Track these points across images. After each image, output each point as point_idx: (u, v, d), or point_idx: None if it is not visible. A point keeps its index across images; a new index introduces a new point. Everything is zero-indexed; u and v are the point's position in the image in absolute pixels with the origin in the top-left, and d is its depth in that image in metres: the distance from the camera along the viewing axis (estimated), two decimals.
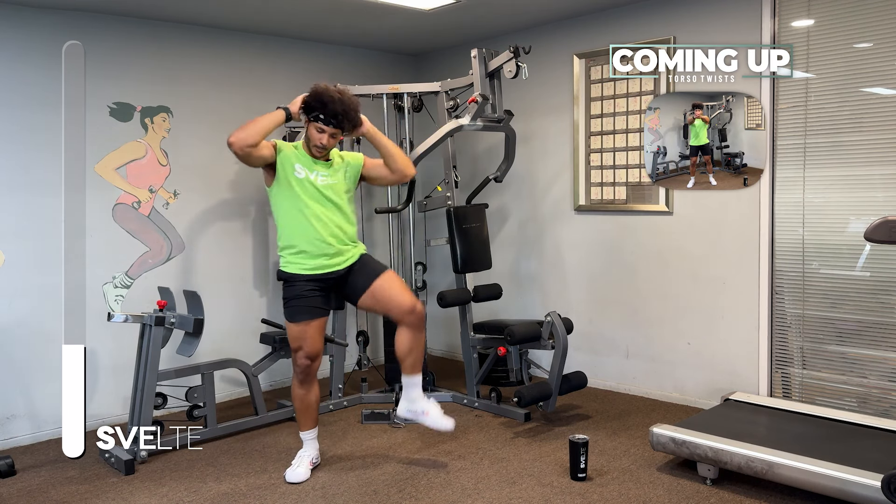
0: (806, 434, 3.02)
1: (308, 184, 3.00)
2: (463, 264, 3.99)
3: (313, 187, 3.01)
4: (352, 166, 3.15)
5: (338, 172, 3.08)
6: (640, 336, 4.22)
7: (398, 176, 3.17)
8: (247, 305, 4.48)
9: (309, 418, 3.18)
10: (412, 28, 4.50)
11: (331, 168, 3.07)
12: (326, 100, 2.90)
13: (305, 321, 3.03)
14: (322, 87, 2.94)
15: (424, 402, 3.16)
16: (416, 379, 3.16)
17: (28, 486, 3.11)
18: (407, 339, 3.09)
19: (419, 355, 3.15)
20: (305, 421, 3.18)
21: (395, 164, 3.12)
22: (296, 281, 3.04)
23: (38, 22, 3.66)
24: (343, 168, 3.11)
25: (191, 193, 4.23)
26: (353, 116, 2.96)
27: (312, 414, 3.18)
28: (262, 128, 2.88)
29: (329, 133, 2.95)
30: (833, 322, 3.48)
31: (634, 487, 2.92)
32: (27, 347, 3.66)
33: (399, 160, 3.12)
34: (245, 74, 4.45)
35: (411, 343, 3.10)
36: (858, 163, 3.35)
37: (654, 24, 3.99)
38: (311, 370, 3.08)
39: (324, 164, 3.05)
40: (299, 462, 3.13)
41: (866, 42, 3.29)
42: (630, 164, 4.18)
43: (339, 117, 2.91)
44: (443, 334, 5.28)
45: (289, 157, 3.01)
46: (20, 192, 3.64)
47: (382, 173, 3.17)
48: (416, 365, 3.14)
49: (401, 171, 3.15)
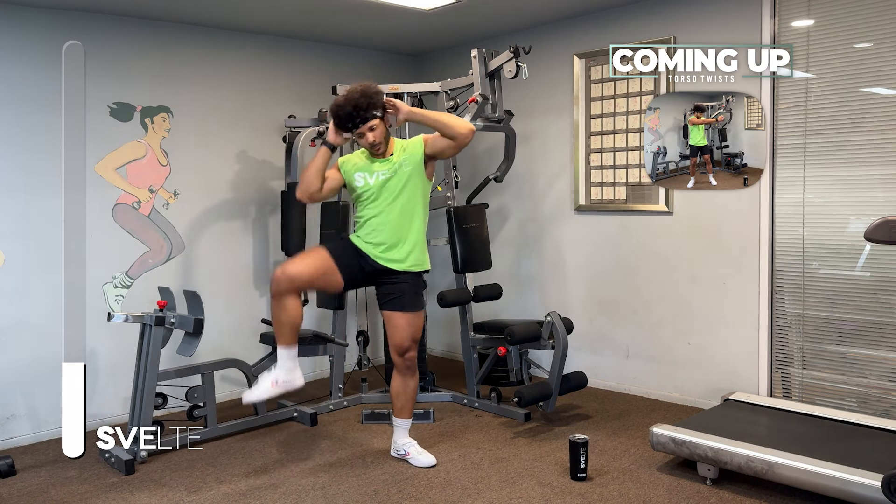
0: (806, 434, 3.02)
1: (370, 187, 3.06)
2: (463, 264, 3.99)
3: (376, 188, 3.05)
4: (409, 153, 3.10)
5: (395, 164, 3.07)
6: (640, 336, 4.22)
7: (458, 141, 3.00)
8: (247, 305, 4.48)
9: (282, 333, 2.98)
10: (412, 28, 4.50)
11: (389, 163, 3.07)
12: (336, 110, 2.95)
13: (324, 250, 3.08)
14: (333, 105, 2.98)
15: (405, 445, 3.26)
16: (401, 422, 3.26)
17: (28, 486, 3.11)
18: (396, 382, 3.22)
19: (406, 401, 3.22)
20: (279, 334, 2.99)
21: (450, 131, 2.99)
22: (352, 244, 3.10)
23: (38, 22, 3.66)
24: (401, 158, 3.08)
25: (191, 193, 4.23)
26: (368, 102, 2.92)
27: (285, 330, 2.97)
28: (315, 171, 3.01)
29: (365, 131, 2.95)
30: (833, 322, 3.48)
31: (634, 487, 2.92)
32: (27, 347, 3.66)
33: (451, 126, 2.99)
34: (245, 74, 4.45)
35: (398, 387, 3.21)
36: (858, 163, 3.35)
37: (654, 24, 3.99)
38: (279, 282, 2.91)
39: (383, 162, 3.07)
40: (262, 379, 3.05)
41: (866, 42, 3.29)
42: (630, 164, 4.18)
43: (356, 116, 2.92)
44: (443, 334, 5.28)
45: (349, 171, 3.11)
46: (20, 192, 3.64)
47: (442, 145, 3.07)
48: (402, 410, 3.23)
49: (459, 136, 2.99)
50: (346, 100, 2.93)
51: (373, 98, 2.94)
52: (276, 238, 4.48)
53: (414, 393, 3.24)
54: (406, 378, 3.19)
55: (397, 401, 3.23)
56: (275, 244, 4.54)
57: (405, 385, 3.20)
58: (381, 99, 2.97)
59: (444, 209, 4.06)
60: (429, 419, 3.81)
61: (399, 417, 3.25)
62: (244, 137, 4.45)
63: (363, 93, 2.92)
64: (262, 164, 4.55)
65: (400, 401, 3.22)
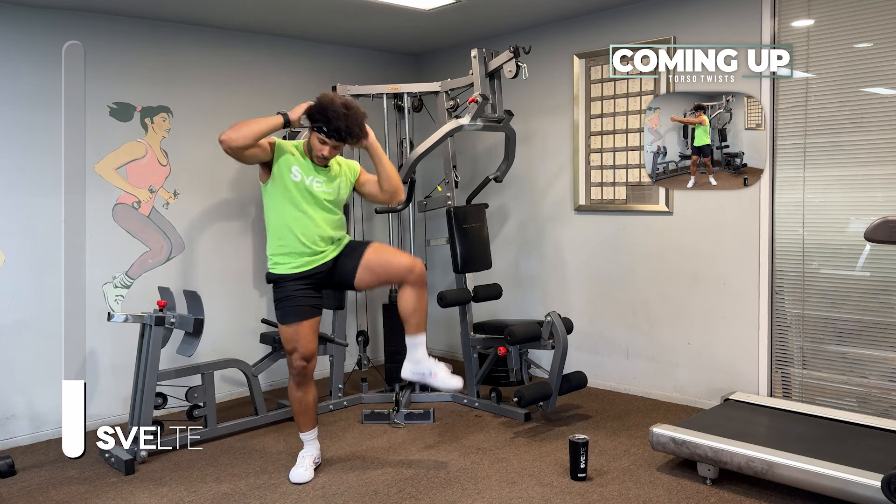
0: (806, 434, 3.02)
1: (303, 187, 2.98)
2: (463, 264, 3.99)
3: (308, 192, 2.99)
4: (347, 177, 3.13)
5: (334, 181, 3.06)
6: (640, 336, 4.22)
7: (387, 197, 3.15)
8: (247, 305, 4.48)
9: (308, 419, 3.17)
10: (412, 28, 4.50)
11: (328, 175, 3.05)
12: (332, 115, 2.86)
13: (297, 322, 3.01)
14: (328, 100, 2.90)
15: (430, 363, 3.09)
16: (421, 339, 3.09)
17: (28, 486, 3.11)
18: (410, 298, 3.05)
19: (423, 315, 3.09)
20: (305, 422, 3.17)
21: (388, 185, 3.09)
22: (285, 282, 3.02)
23: (37, 22, 3.66)
24: (339, 177, 3.09)
25: (191, 193, 4.23)
26: (358, 132, 2.92)
27: (311, 415, 3.17)
28: (256, 131, 2.82)
29: (331, 145, 2.93)
30: (833, 322, 3.48)
31: (634, 487, 2.92)
32: (27, 347, 3.66)
33: (393, 182, 3.10)
34: (245, 74, 4.45)
35: (415, 302, 3.05)
36: (858, 163, 3.35)
37: (654, 24, 3.99)
38: (306, 371, 3.07)
39: (321, 171, 3.03)
40: (301, 462, 3.13)
41: (866, 42, 3.29)
42: (630, 164, 4.18)
43: (343, 133, 2.89)
44: (443, 334, 5.28)
45: (287, 158, 2.98)
46: (20, 192, 3.64)
47: (373, 190, 3.16)
48: (420, 325, 3.09)
49: (391, 194, 3.13)
50: (346, 116, 2.87)
51: (362, 130, 2.95)
52: None
53: (426, 306, 3.12)
54: (420, 291, 3.05)
55: (413, 318, 3.06)
56: None
57: (420, 298, 3.06)
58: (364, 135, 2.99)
59: (444, 209, 4.07)
60: (429, 419, 3.81)
61: (418, 333, 3.08)
62: None
63: (361, 122, 2.92)
64: None
65: (416, 317, 3.06)
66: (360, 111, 2.94)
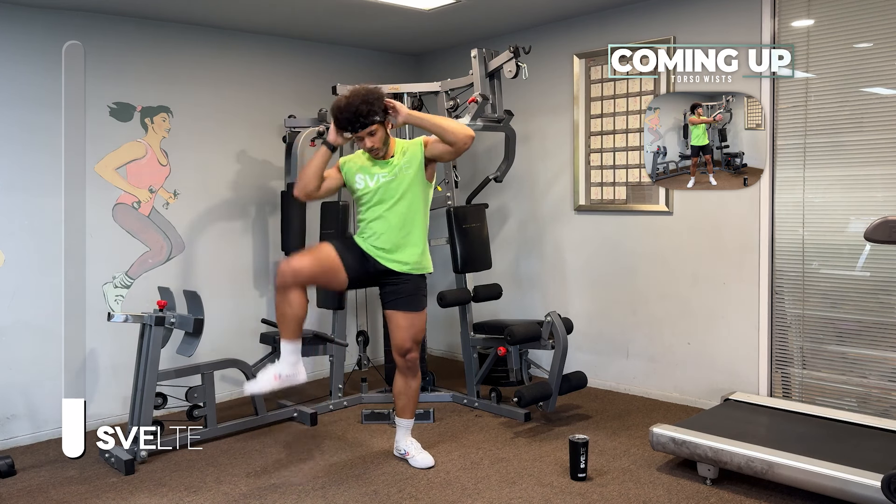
0: (806, 434, 3.02)
1: (369, 190, 3.05)
2: (463, 264, 3.99)
3: (375, 190, 3.04)
4: (409, 156, 3.08)
5: (396, 167, 3.06)
6: (640, 336, 4.22)
7: (457, 147, 2.99)
8: (247, 305, 4.48)
9: (285, 328, 2.97)
10: (412, 28, 4.50)
11: (390, 165, 3.06)
12: (339, 113, 2.92)
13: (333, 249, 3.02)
14: (334, 104, 2.96)
15: (405, 444, 3.27)
16: (403, 422, 3.27)
17: (28, 486, 3.11)
18: (398, 382, 3.23)
19: (408, 401, 3.23)
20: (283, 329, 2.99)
21: (449, 136, 2.96)
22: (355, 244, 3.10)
23: (37, 22, 3.66)
24: (402, 161, 3.07)
25: (191, 193, 4.23)
26: (368, 108, 2.89)
27: (290, 325, 2.97)
28: (314, 170, 3.00)
29: (366, 135, 2.94)
30: (833, 322, 3.48)
31: (634, 487, 2.92)
32: (27, 347, 3.66)
33: (450, 132, 2.96)
34: (245, 74, 4.45)
35: (400, 387, 3.22)
36: (858, 163, 3.35)
37: (654, 24, 3.99)
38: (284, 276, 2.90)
39: (383, 164, 3.06)
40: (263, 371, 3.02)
41: (866, 42, 3.29)
42: (630, 164, 4.18)
43: (357, 119, 2.89)
44: (443, 334, 5.28)
45: (350, 171, 3.10)
46: (20, 192, 3.64)
47: (441, 149, 3.04)
48: (404, 410, 3.24)
49: (457, 142, 2.97)
50: (347, 104, 2.90)
51: (373, 104, 2.91)
52: (276, 238, 4.48)
53: (416, 394, 3.24)
54: (408, 378, 3.20)
55: (398, 401, 3.24)
56: (275, 244, 4.53)
57: (406, 385, 3.21)
58: (382, 104, 2.95)
59: (444, 209, 4.07)
60: (429, 419, 3.81)
61: (401, 417, 3.26)
62: (244, 137, 4.45)
63: (364, 98, 2.90)
64: (262, 164, 4.54)
65: (401, 401, 3.23)
66: (362, 92, 2.92)
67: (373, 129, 2.93)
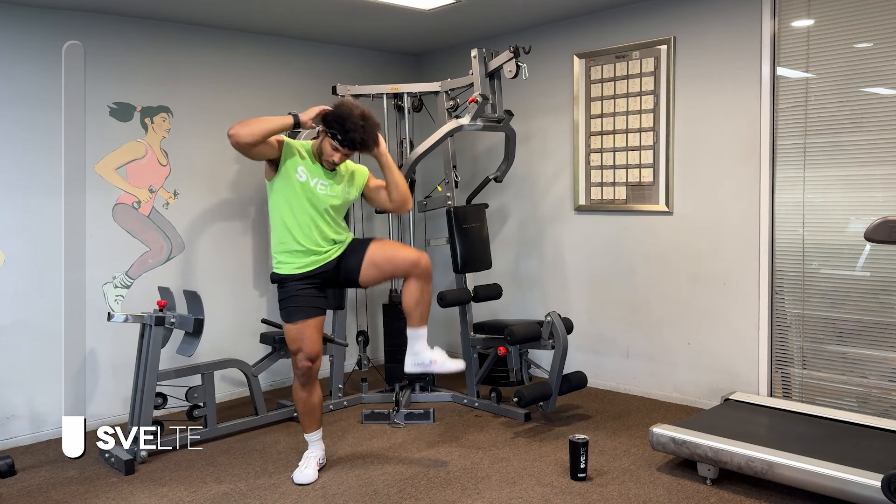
0: (806, 434, 3.02)
1: (308, 188, 2.98)
2: (463, 264, 3.99)
3: (312, 193, 2.99)
4: (355, 182, 3.13)
5: (339, 185, 3.06)
6: (640, 336, 4.22)
7: (395, 206, 3.16)
8: (247, 305, 4.48)
9: (313, 420, 3.16)
10: (412, 28, 4.50)
11: (334, 179, 3.05)
12: (349, 125, 2.86)
13: (302, 320, 3.00)
14: (346, 110, 2.88)
15: (430, 353, 3.12)
16: (422, 331, 3.11)
17: (28, 486, 3.11)
18: (415, 291, 3.06)
19: (426, 308, 3.12)
20: (310, 423, 3.16)
21: (398, 195, 3.11)
22: (289, 281, 3.02)
23: (37, 22, 3.66)
24: (346, 181, 3.10)
25: (191, 193, 4.23)
26: (371, 144, 2.94)
27: (316, 415, 3.16)
28: (265, 128, 2.81)
29: (343, 153, 2.94)
30: (833, 322, 3.48)
31: (634, 487, 2.92)
32: (27, 347, 3.66)
33: (401, 191, 3.11)
34: (245, 74, 4.45)
35: (419, 295, 3.07)
36: (858, 163, 3.35)
37: (654, 24, 3.99)
38: (311, 372, 3.06)
39: (328, 174, 3.03)
40: (306, 463, 3.12)
41: (866, 42, 3.29)
42: (630, 164, 4.18)
43: (358, 144, 2.90)
44: (443, 334, 5.28)
45: (295, 157, 2.98)
46: (20, 192, 3.64)
47: (382, 198, 3.17)
48: (423, 317, 3.11)
49: (400, 204, 3.15)
50: (363, 128, 2.87)
51: (377, 138, 2.96)
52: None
53: (430, 300, 3.15)
54: (425, 285, 3.07)
55: (417, 309, 3.08)
56: None
57: (425, 292, 3.07)
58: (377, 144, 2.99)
59: (444, 209, 4.07)
60: (429, 419, 3.81)
61: (420, 326, 3.11)
62: None
63: (374, 131, 2.92)
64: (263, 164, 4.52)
65: (420, 309, 3.08)
66: (375, 122, 2.95)
67: (350, 154, 2.97)
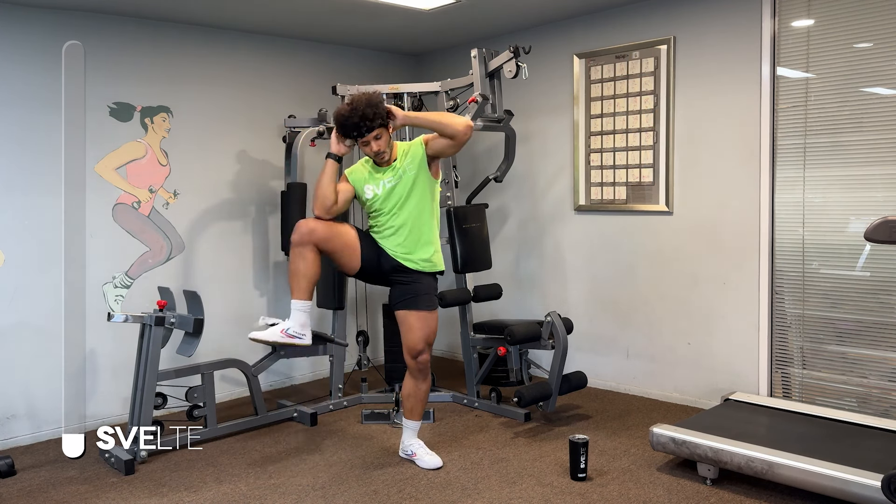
0: (806, 434, 3.02)
1: (378, 197, 3.07)
2: (463, 264, 3.99)
3: (384, 197, 3.06)
4: (411, 155, 3.09)
5: (399, 170, 3.07)
6: (640, 336, 4.22)
7: (457, 139, 2.98)
8: (247, 306, 4.48)
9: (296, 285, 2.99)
10: (412, 28, 4.50)
11: (393, 170, 3.07)
12: (342, 120, 2.93)
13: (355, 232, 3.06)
14: (336, 112, 2.97)
15: (413, 446, 3.26)
16: (410, 424, 3.26)
17: (28, 486, 3.11)
18: (408, 384, 3.22)
19: (416, 403, 3.22)
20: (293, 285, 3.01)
21: (448, 130, 2.97)
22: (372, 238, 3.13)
23: (38, 22, 3.66)
24: (404, 164, 3.08)
25: (191, 193, 4.23)
26: (372, 113, 2.91)
27: (300, 282, 2.98)
28: (328, 183, 3.00)
29: (370, 140, 2.96)
30: (833, 322, 3.48)
31: (634, 487, 2.92)
32: (27, 347, 3.66)
33: (448, 126, 2.97)
34: (245, 74, 4.45)
35: (409, 389, 3.21)
36: (858, 163, 3.35)
37: (654, 24, 3.99)
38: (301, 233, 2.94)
39: (387, 170, 3.07)
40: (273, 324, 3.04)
41: (866, 42, 3.29)
42: (630, 164, 4.18)
43: (360, 125, 2.91)
44: (443, 334, 5.28)
45: (358, 181, 3.11)
46: (20, 192, 3.64)
47: (442, 145, 3.04)
48: (412, 411, 3.24)
49: (457, 134, 2.96)
50: (352, 110, 2.91)
51: (377, 107, 2.93)
52: (276, 238, 4.49)
53: (425, 396, 3.23)
54: (418, 381, 3.19)
55: (407, 402, 3.23)
56: (275, 244, 4.54)
57: (416, 388, 3.20)
58: (384, 107, 2.97)
59: (444, 209, 4.06)
60: (429, 419, 3.81)
61: (408, 419, 3.25)
62: (244, 137, 4.45)
63: (368, 102, 2.92)
64: (262, 164, 4.55)
65: (410, 402, 3.22)
66: (364, 97, 2.94)
67: (378, 133, 2.96)
